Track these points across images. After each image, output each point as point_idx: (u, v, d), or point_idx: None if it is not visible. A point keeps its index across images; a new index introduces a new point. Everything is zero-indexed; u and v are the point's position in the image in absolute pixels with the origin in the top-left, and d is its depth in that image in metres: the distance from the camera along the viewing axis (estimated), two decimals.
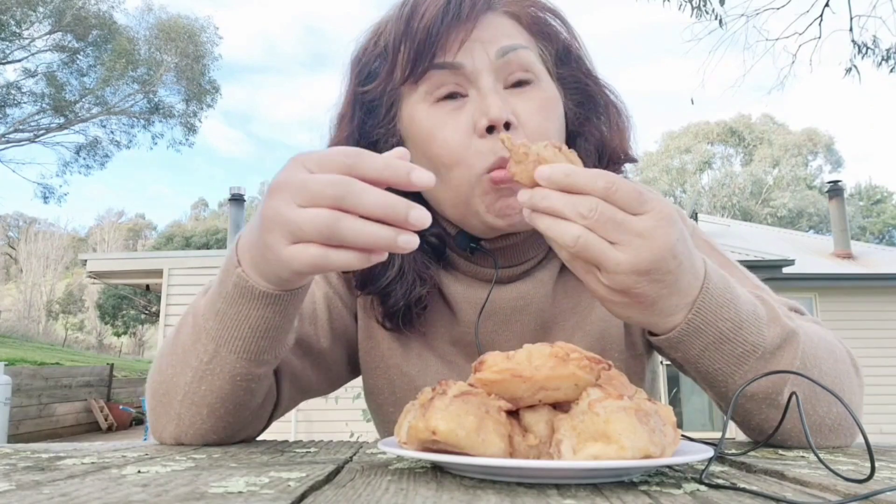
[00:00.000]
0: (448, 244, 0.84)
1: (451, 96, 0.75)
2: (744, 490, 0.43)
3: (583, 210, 0.53)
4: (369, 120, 0.81)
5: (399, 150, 0.54)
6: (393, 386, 0.87)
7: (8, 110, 19.31)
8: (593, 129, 0.82)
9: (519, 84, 0.76)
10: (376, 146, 0.80)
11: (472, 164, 0.73)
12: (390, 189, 0.51)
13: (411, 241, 0.50)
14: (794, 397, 0.62)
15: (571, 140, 0.82)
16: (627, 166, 0.87)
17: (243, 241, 0.61)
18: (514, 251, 0.83)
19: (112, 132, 21.18)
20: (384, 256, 0.52)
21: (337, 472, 0.52)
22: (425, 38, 0.72)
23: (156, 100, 21.12)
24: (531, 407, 0.50)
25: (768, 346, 0.64)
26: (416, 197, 0.83)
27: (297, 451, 0.68)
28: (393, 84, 0.77)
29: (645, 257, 0.54)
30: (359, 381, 0.92)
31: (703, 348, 0.63)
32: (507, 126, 0.72)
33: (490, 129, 0.72)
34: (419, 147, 0.77)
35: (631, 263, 0.54)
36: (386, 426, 0.92)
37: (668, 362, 0.70)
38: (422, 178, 0.50)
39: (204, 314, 0.65)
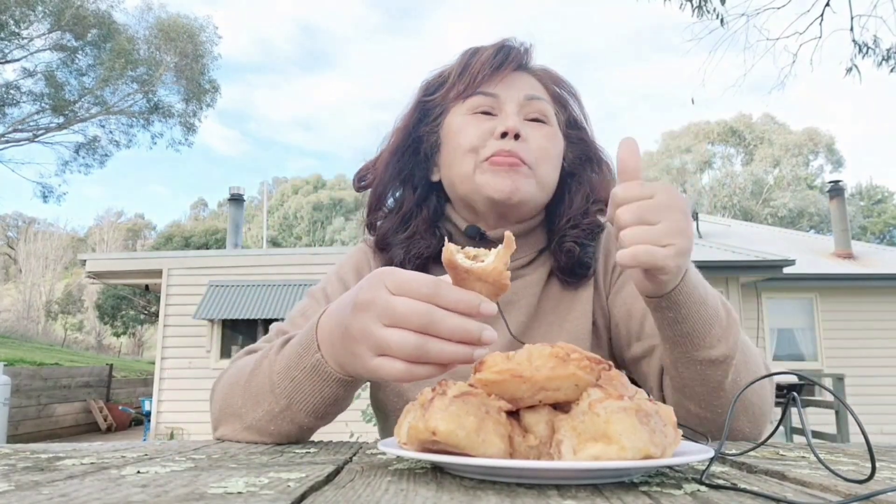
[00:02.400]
0: (454, 239, 1.02)
1: (484, 112, 0.98)
2: (744, 490, 0.43)
3: (641, 207, 0.67)
4: (421, 121, 1.04)
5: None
6: (399, 400, 0.96)
7: (7, 110, 19.28)
8: (586, 175, 1.05)
9: (535, 120, 0.99)
10: (420, 140, 1.04)
11: (479, 152, 0.95)
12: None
13: (484, 353, 0.56)
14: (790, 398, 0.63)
15: (568, 178, 1.04)
16: None
17: (323, 332, 0.70)
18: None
19: (111, 132, 21.16)
20: (456, 366, 0.59)
21: (337, 472, 0.52)
22: (477, 72, 0.98)
23: (155, 99, 21.08)
24: (531, 407, 0.50)
25: (723, 315, 0.80)
26: (438, 200, 1.03)
27: (297, 451, 0.68)
28: (448, 98, 1.01)
29: (679, 221, 0.68)
30: None
31: (692, 305, 0.76)
32: (517, 137, 0.94)
33: (504, 136, 0.93)
34: (449, 142, 0.99)
35: (673, 196, 0.68)
36: (385, 424, 1.03)
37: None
38: (489, 309, 0.57)
39: (279, 373, 0.75)
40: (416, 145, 1.03)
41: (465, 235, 1.00)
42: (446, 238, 0.63)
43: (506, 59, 0.98)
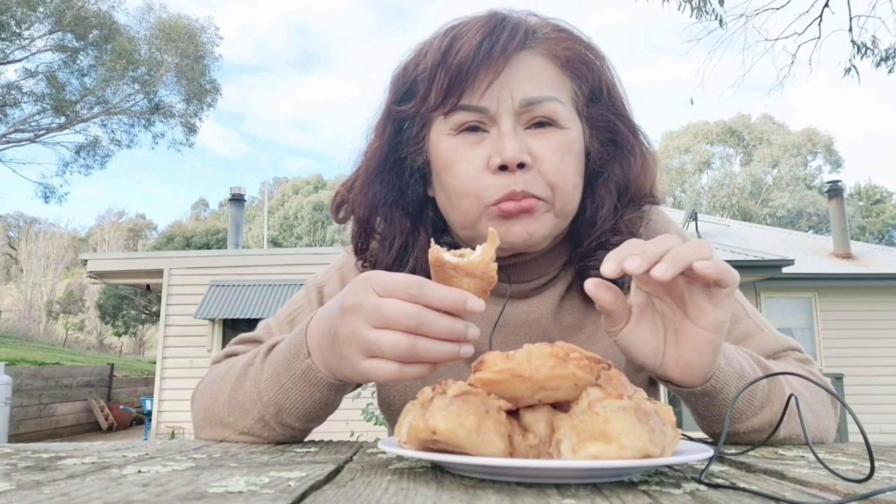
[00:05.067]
0: None
1: (473, 129, 0.80)
2: (743, 490, 0.43)
3: (691, 244, 0.57)
4: (399, 136, 0.86)
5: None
6: (405, 397, 0.93)
7: (8, 110, 19.27)
8: (616, 169, 0.85)
9: (540, 125, 0.79)
10: (404, 162, 0.87)
11: (482, 196, 0.78)
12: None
13: (470, 350, 0.59)
14: (793, 399, 0.63)
15: (593, 179, 0.85)
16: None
17: (313, 337, 0.69)
18: (526, 268, 0.88)
19: (112, 132, 21.16)
20: (444, 365, 0.60)
21: (337, 471, 0.52)
22: (457, 75, 0.77)
23: (156, 100, 21.09)
24: (531, 406, 0.50)
25: (764, 383, 0.72)
26: (435, 213, 0.88)
27: (298, 450, 0.69)
28: (425, 109, 0.81)
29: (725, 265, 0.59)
30: None
31: (731, 382, 0.68)
32: (522, 166, 0.76)
33: (503, 168, 0.76)
34: (439, 173, 0.83)
35: (732, 269, 0.59)
36: None
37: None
38: (476, 305, 0.57)
39: (267, 381, 0.73)
40: (399, 165, 0.87)
41: None
42: (432, 240, 0.60)
43: (493, 48, 0.76)
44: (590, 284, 0.62)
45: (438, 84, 0.78)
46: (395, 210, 0.87)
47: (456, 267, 0.57)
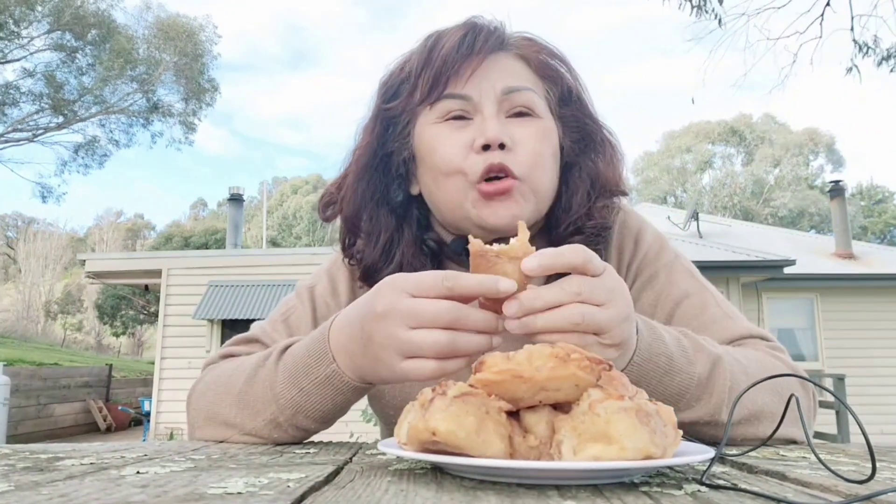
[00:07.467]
0: (444, 251, 0.93)
1: (457, 117, 0.85)
2: (745, 491, 0.43)
3: (575, 289, 0.58)
4: (387, 133, 0.91)
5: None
6: (394, 388, 0.92)
7: (7, 110, 19.27)
8: (588, 162, 0.91)
9: (520, 115, 0.85)
10: (391, 156, 0.91)
11: (466, 174, 0.82)
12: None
13: (500, 341, 0.60)
14: (792, 399, 0.63)
15: (566, 170, 0.91)
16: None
17: (337, 345, 0.70)
18: None
19: (111, 131, 21.17)
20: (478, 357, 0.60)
21: (336, 472, 0.52)
22: (442, 66, 0.83)
23: (154, 99, 21.09)
24: (531, 407, 0.50)
25: (701, 373, 0.73)
26: (419, 211, 0.93)
27: (297, 451, 0.69)
28: (412, 104, 0.87)
29: (624, 304, 0.61)
30: None
31: (650, 381, 0.70)
32: (502, 146, 0.81)
33: (486, 148, 0.81)
34: (424, 158, 0.87)
35: (620, 314, 0.60)
36: (389, 427, 0.98)
37: None
38: (507, 286, 0.57)
39: (283, 383, 0.74)
40: (385, 161, 0.91)
41: (450, 250, 0.91)
42: (470, 236, 0.61)
43: (474, 44, 0.83)
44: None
45: (425, 78, 0.84)
46: (381, 208, 0.91)
47: (499, 254, 0.58)
